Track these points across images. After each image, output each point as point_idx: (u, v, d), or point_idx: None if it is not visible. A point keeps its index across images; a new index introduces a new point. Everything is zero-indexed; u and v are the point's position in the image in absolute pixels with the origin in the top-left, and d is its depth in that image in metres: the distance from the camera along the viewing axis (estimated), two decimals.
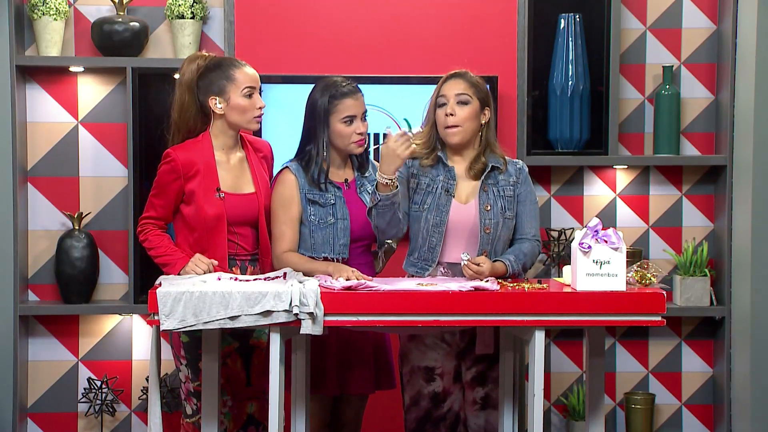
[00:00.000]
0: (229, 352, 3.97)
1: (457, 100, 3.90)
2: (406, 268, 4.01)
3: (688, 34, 5.01)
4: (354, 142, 3.96)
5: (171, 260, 3.87)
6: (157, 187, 3.92)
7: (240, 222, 3.93)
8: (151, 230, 3.93)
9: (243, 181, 3.97)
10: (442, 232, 3.90)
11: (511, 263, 3.86)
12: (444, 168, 3.94)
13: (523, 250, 3.93)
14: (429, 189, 3.92)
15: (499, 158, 3.97)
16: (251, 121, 3.94)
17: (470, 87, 3.92)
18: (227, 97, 3.90)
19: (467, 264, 3.75)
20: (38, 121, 4.87)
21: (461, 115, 3.89)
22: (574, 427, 4.94)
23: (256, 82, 3.95)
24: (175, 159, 3.88)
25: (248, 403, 4.02)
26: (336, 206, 3.96)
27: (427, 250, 3.92)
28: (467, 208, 3.92)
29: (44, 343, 4.91)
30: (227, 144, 3.96)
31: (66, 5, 4.75)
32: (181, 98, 3.95)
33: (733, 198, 4.87)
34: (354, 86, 3.98)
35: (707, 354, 5.08)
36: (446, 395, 3.98)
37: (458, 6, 4.83)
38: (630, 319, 3.63)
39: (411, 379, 3.99)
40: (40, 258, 4.90)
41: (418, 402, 3.98)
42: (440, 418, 3.98)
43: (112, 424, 4.95)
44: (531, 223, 3.97)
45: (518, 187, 3.96)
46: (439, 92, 3.94)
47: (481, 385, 3.98)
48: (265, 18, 4.79)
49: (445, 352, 3.96)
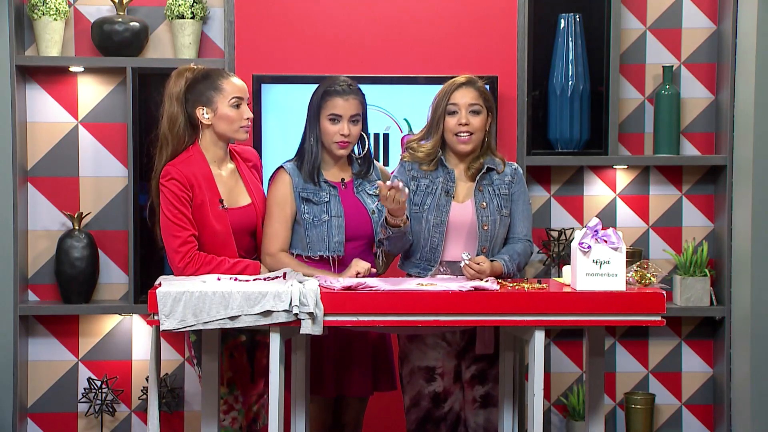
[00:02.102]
0: (236, 345, 3.96)
1: (470, 110, 3.92)
2: (405, 268, 4.01)
3: (688, 34, 5.01)
4: (336, 142, 3.95)
5: (244, 264, 3.85)
6: (174, 204, 3.81)
7: (239, 233, 3.93)
8: (200, 256, 3.82)
9: (237, 193, 3.97)
10: (443, 232, 3.91)
11: (506, 263, 3.87)
12: (444, 170, 3.96)
13: (516, 250, 3.95)
14: (429, 190, 3.94)
15: (498, 160, 3.99)
16: (239, 131, 3.91)
17: (480, 97, 3.95)
18: (215, 107, 3.89)
19: (468, 264, 3.76)
20: (38, 121, 4.88)
21: (475, 125, 3.93)
22: (574, 427, 4.94)
23: (243, 93, 3.93)
24: (177, 175, 3.82)
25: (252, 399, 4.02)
26: (330, 204, 3.96)
27: (429, 250, 3.94)
28: (464, 207, 3.94)
29: (44, 343, 4.91)
30: (218, 156, 3.95)
31: (66, 5, 4.75)
32: (170, 110, 3.91)
33: (733, 198, 4.87)
34: (351, 87, 3.96)
35: (707, 354, 5.08)
36: (447, 395, 3.98)
37: (458, 6, 4.83)
38: (630, 319, 3.63)
39: (411, 379, 4.00)
40: (40, 258, 4.90)
41: (418, 402, 3.99)
42: (441, 418, 3.98)
43: (112, 424, 4.95)
44: (523, 223, 4.00)
45: (512, 187, 3.99)
46: (449, 100, 3.94)
47: (481, 384, 3.98)
48: (265, 18, 4.79)
49: (446, 352, 3.96)
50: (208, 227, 3.86)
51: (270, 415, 3.60)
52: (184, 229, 3.82)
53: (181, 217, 3.82)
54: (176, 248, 3.81)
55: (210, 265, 3.81)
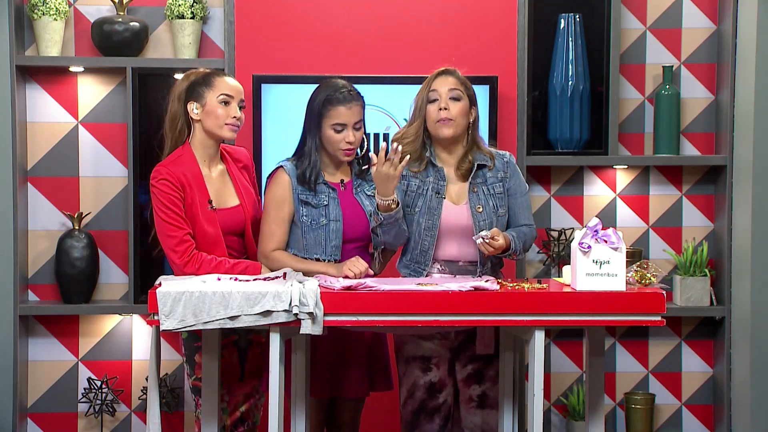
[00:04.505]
0: (227, 344, 3.96)
1: (449, 96, 3.93)
2: (399, 269, 4.02)
3: (688, 34, 5.01)
4: (342, 150, 3.93)
5: (245, 264, 3.85)
6: (166, 205, 3.82)
7: (227, 233, 3.92)
8: (200, 254, 3.82)
9: (226, 194, 3.96)
10: (434, 236, 3.91)
11: (514, 238, 3.90)
12: (433, 169, 3.95)
13: (522, 230, 3.98)
14: (419, 191, 3.93)
15: (486, 155, 3.99)
16: (223, 128, 3.89)
17: (461, 84, 3.96)
18: (204, 102, 3.90)
19: (488, 242, 3.77)
20: (38, 121, 4.88)
21: (454, 111, 3.92)
22: (574, 427, 4.94)
23: (234, 92, 3.91)
24: (167, 175, 3.83)
25: (239, 399, 4.01)
26: (329, 207, 3.95)
27: (419, 252, 3.93)
28: (459, 210, 3.93)
29: (44, 343, 4.91)
30: (208, 156, 3.94)
31: (66, 5, 4.75)
32: (172, 109, 3.95)
33: (733, 198, 4.87)
34: (352, 94, 3.93)
35: (707, 354, 5.08)
36: (442, 386, 3.97)
37: (458, 6, 4.83)
38: (630, 319, 3.63)
39: (407, 370, 3.99)
40: (40, 258, 4.90)
41: (413, 393, 3.97)
42: (435, 409, 3.97)
43: (112, 424, 4.95)
44: (524, 213, 4.02)
45: (507, 182, 3.99)
46: (429, 88, 3.95)
47: (478, 383, 3.97)
48: (265, 18, 4.79)
49: (441, 343, 3.96)
50: (199, 227, 3.86)
51: (270, 415, 3.60)
52: (179, 228, 3.82)
53: (175, 217, 3.82)
54: (173, 247, 3.81)
55: (210, 265, 3.81)
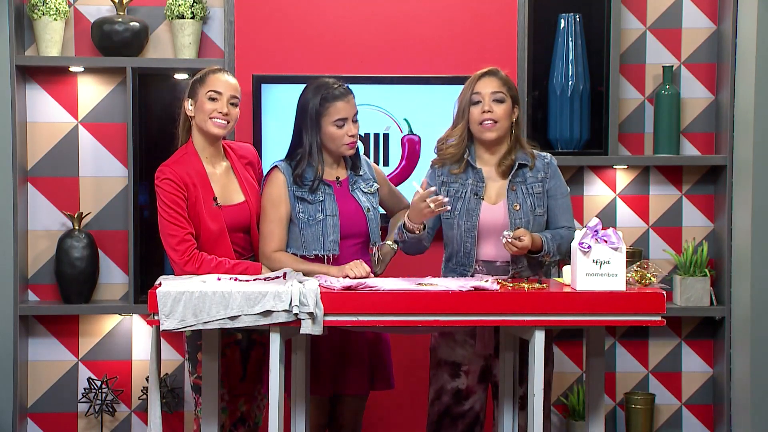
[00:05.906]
0: (229, 344, 3.96)
1: (493, 98, 3.94)
2: (445, 274, 4.04)
3: (688, 34, 5.01)
4: (345, 144, 3.96)
5: (245, 265, 3.85)
6: (168, 204, 3.84)
7: (233, 230, 3.93)
8: (201, 254, 3.83)
9: (231, 191, 3.97)
10: (475, 237, 3.93)
11: (548, 240, 3.89)
12: (473, 171, 3.97)
13: (560, 232, 3.97)
14: (459, 194, 3.96)
15: (527, 155, 4.00)
16: (207, 122, 3.91)
17: (504, 85, 3.97)
18: (196, 98, 3.93)
19: (511, 242, 3.77)
20: (38, 121, 4.88)
21: (498, 113, 3.93)
22: (574, 427, 4.94)
23: (224, 88, 3.92)
24: (171, 175, 3.86)
25: (240, 399, 4.02)
26: (325, 203, 3.96)
27: (463, 255, 3.96)
28: (497, 208, 3.94)
29: (44, 343, 4.91)
30: (210, 153, 3.96)
31: (66, 5, 4.75)
32: (182, 106, 4.00)
33: (733, 198, 4.87)
34: (345, 88, 3.97)
35: (707, 354, 5.08)
36: (469, 393, 3.99)
37: (458, 6, 4.83)
38: (630, 319, 3.63)
39: (437, 372, 4.02)
40: (40, 258, 4.90)
41: (440, 396, 4.01)
42: (460, 415, 3.99)
43: (112, 424, 4.95)
44: (564, 216, 4.01)
45: (547, 182, 4.00)
46: (473, 90, 3.95)
47: (519, 384, 4.00)
48: (265, 18, 4.79)
49: (474, 350, 3.97)
50: (203, 225, 3.87)
51: (270, 414, 3.60)
52: (181, 227, 3.83)
53: (177, 216, 3.83)
54: (174, 246, 3.82)
55: (210, 265, 3.81)
